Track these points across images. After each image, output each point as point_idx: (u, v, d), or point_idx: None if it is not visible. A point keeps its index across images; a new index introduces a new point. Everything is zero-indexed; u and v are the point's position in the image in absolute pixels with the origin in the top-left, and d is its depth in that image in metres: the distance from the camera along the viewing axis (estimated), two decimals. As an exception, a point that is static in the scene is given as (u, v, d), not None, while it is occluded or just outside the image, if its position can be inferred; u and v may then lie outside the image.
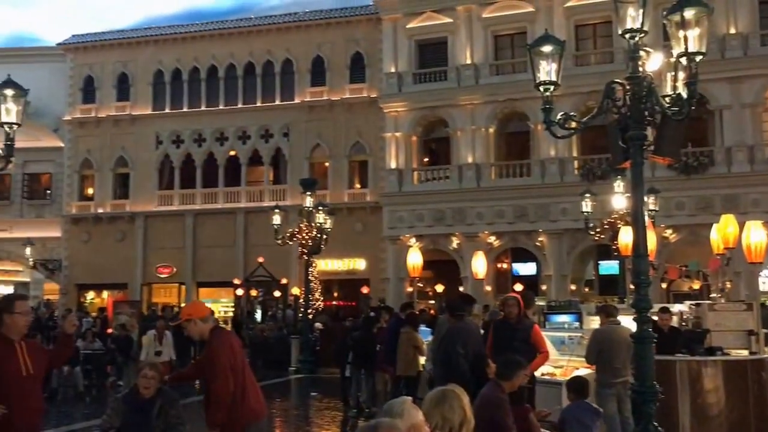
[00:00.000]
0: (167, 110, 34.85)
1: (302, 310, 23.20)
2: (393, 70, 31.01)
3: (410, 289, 25.41)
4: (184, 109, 34.69)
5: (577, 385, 7.34)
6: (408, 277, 25.37)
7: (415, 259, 20.34)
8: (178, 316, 6.41)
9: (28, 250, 33.07)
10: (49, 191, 36.63)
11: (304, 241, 21.59)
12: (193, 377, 7.36)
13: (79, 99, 35.58)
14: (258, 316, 29.68)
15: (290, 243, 22.60)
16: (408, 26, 30.99)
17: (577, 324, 13.24)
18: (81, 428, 12.67)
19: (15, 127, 10.26)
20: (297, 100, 33.42)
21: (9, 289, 34.25)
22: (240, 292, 30.71)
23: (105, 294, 35.49)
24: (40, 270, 34.96)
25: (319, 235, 21.50)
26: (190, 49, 34.75)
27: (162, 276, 34.32)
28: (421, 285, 27.41)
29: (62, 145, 35.45)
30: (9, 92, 10.28)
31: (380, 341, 13.12)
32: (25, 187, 36.36)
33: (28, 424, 5.36)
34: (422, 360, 11.78)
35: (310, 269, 23.54)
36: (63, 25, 60.39)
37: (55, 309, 29.87)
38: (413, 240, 28.91)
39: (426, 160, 32.08)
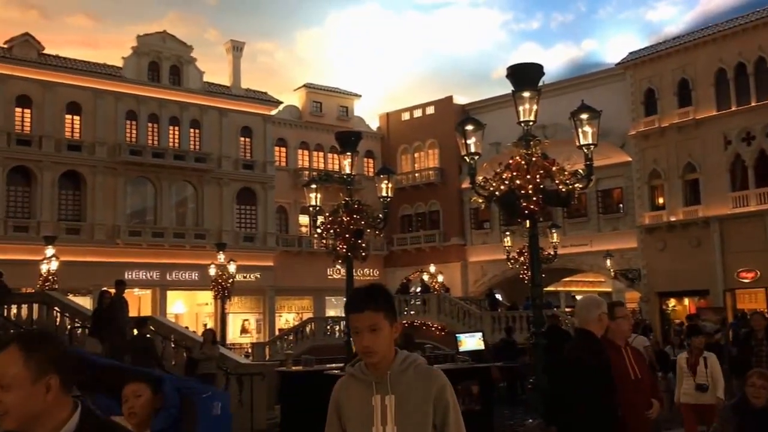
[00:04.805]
0: (733, 108, 33.26)
1: None
2: None
3: None
4: (752, 104, 32.66)
5: None
6: None
7: None
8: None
9: (608, 262, 35.05)
10: (621, 205, 38.30)
11: None
12: None
13: (642, 112, 36.37)
14: None
15: None
16: None
17: None
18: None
19: (592, 147, 11.18)
20: None
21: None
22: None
23: (686, 301, 35.31)
24: (620, 280, 36.71)
25: None
26: (752, 39, 32.66)
27: (745, 281, 32.61)
28: None
29: (629, 159, 36.71)
30: (584, 116, 11.27)
31: None
32: (599, 203, 38.70)
33: (640, 427, 5.49)
34: None
35: None
36: (619, 46, 63.04)
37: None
38: None
39: None
